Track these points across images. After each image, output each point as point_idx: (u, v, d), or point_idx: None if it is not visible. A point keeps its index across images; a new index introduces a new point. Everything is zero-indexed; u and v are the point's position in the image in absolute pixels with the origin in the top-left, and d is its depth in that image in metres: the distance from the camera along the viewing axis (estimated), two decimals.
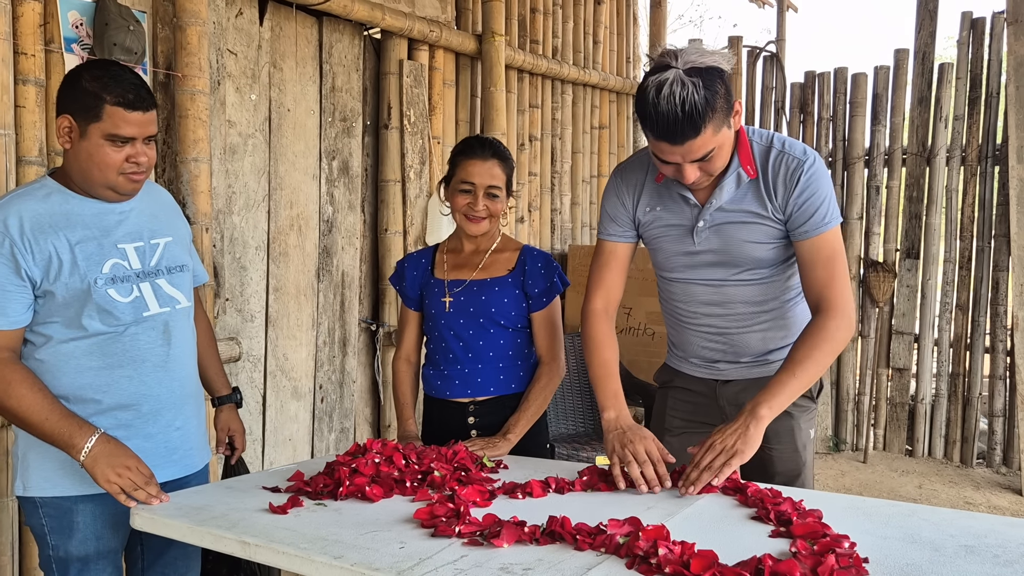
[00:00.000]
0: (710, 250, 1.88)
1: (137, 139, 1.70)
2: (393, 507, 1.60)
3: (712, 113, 1.65)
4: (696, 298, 1.95)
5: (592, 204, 5.41)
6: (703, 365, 2.02)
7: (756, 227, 1.84)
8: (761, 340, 1.96)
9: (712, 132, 1.68)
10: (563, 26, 5.02)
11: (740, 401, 1.95)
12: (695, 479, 1.66)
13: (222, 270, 3.16)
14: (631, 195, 1.95)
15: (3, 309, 1.64)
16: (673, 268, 1.96)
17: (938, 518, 1.55)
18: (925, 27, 5.06)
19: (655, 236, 1.95)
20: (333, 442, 3.70)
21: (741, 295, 1.91)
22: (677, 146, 1.68)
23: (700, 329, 1.99)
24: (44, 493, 1.74)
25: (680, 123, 1.63)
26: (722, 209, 1.85)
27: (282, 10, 3.35)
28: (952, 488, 4.64)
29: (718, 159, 1.75)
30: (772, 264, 1.88)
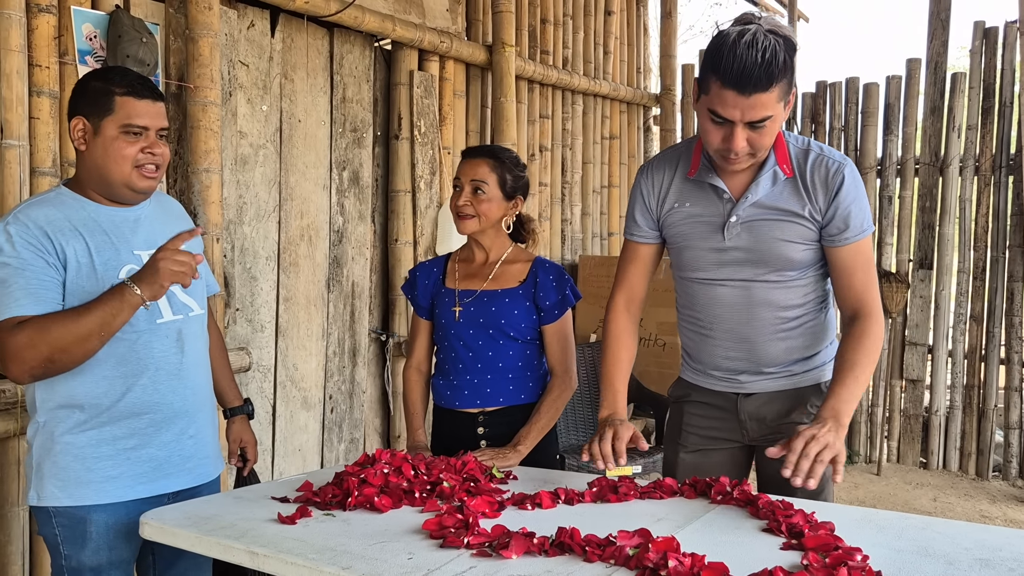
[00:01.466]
0: (740, 247, 1.84)
1: (150, 130, 1.72)
2: (402, 518, 1.59)
3: (784, 76, 1.65)
4: (720, 301, 1.90)
5: (603, 215, 5.40)
6: (723, 378, 1.96)
7: (792, 226, 1.81)
8: (784, 350, 1.90)
9: (777, 97, 1.66)
10: (573, 36, 5.03)
11: (762, 415, 1.92)
12: (806, 468, 1.59)
13: (232, 280, 3.17)
14: (655, 195, 1.93)
15: (41, 296, 1.63)
16: (699, 267, 1.90)
17: (952, 531, 1.53)
18: (937, 36, 5.05)
19: (682, 233, 1.90)
20: (343, 452, 3.70)
21: (767, 298, 1.86)
22: (743, 97, 1.64)
23: (722, 337, 1.92)
24: (58, 503, 1.74)
25: (757, 70, 1.61)
26: (757, 205, 1.82)
27: (293, 22, 3.38)
28: (967, 501, 4.59)
29: (768, 135, 1.71)
30: (801, 267, 1.85)
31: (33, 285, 1.63)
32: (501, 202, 2.14)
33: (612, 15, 5.38)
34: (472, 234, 2.16)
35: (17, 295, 1.62)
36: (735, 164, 1.77)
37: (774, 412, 1.93)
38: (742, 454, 2.00)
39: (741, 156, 1.74)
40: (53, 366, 1.63)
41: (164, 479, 1.81)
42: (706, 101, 1.71)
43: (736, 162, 1.76)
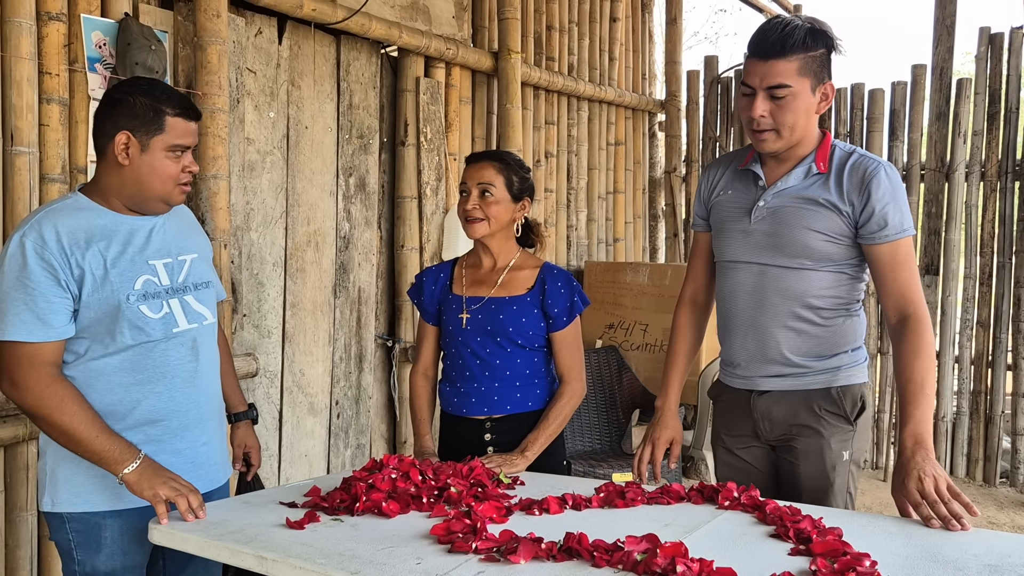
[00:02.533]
0: (762, 231, 1.91)
1: (190, 148, 1.77)
2: (410, 523, 1.60)
3: (805, 52, 1.77)
4: (739, 284, 1.96)
5: (608, 220, 5.41)
6: (740, 374, 2.01)
7: (817, 215, 1.85)
8: (793, 342, 1.92)
9: (796, 70, 1.77)
10: (579, 43, 5.04)
11: (773, 415, 1.95)
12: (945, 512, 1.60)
13: (240, 286, 3.18)
14: (709, 185, 2.06)
15: (48, 320, 1.65)
16: (726, 250, 1.99)
17: (960, 537, 1.53)
18: (942, 42, 5.05)
19: (720, 219, 2.00)
20: (349, 458, 3.70)
21: (781, 284, 1.90)
22: (761, 62, 1.79)
23: (739, 323, 1.98)
24: (73, 508, 1.75)
25: (774, 36, 1.77)
26: (785, 193, 1.89)
27: (300, 29, 3.40)
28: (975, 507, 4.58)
29: (789, 111, 1.80)
30: (819, 259, 1.87)
31: (42, 309, 1.65)
32: (509, 204, 2.14)
33: (617, 22, 5.39)
34: (481, 238, 2.15)
35: (26, 318, 1.64)
36: (761, 139, 1.86)
37: (784, 412, 1.95)
38: (769, 454, 2.02)
39: (763, 127, 1.83)
40: (31, 418, 1.70)
41: None
42: (741, 79, 1.87)
43: (761, 137, 1.85)
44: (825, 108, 1.85)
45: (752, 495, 1.70)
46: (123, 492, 1.73)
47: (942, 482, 1.64)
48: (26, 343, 1.64)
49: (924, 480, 1.63)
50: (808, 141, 1.89)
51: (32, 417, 1.69)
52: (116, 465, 1.66)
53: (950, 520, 1.59)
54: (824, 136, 1.91)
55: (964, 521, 1.60)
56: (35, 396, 1.65)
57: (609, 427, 4.10)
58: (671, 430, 2.03)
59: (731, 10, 13.82)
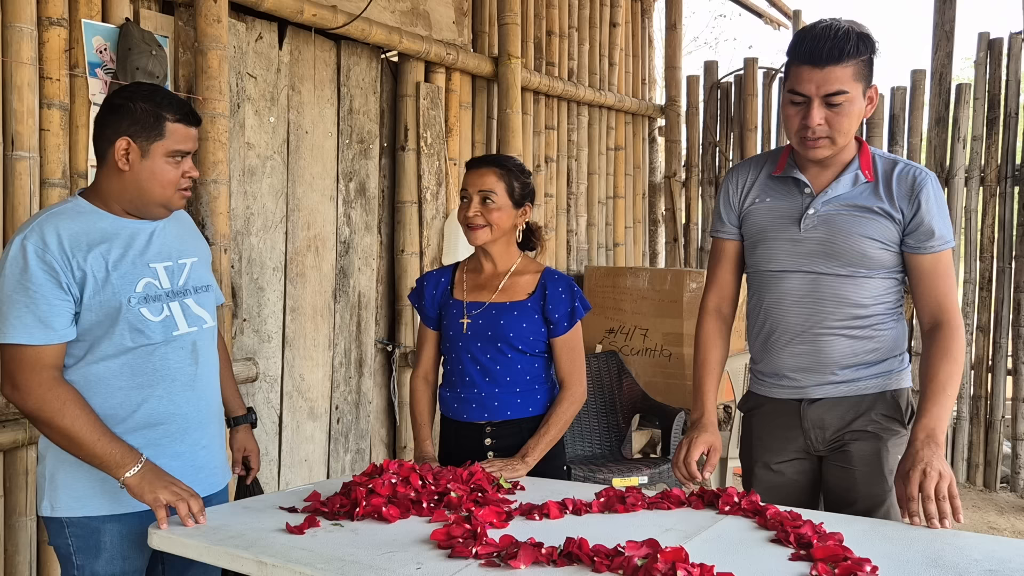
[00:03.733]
0: (814, 239, 1.89)
1: (190, 154, 1.78)
2: (410, 528, 1.60)
3: (858, 57, 1.75)
4: (789, 293, 1.92)
5: (608, 225, 5.41)
6: (788, 384, 1.96)
7: (872, 223, 1.85)
8: (850, 351, 1.90)
9: (852, 76, 1.76)
10: (579, 48, 5.05)
11: (825, 422, 1.92)
12: (935, 510, 1.62)
13: (240, 291, 3.18)
14: (739, 192, 2.01)
15: (49, 322, 1.65)
16: (772, 259, 1.94)
17: (961, 542, 1.53)
18: (942, 48, 5.06)
19: (760, 226, 1.96)
20: (349, 463, 3.70)
21: (835, 293, 1.88)
22: (817, 70, 1.75)
23: (785, 336, 1.94)
24: (73, 513, 1.74)
25: (829, 43, 1.74)
26: (836, 201, 1.88)
27: (301, 34, 3.40)
28: (975, 512, 4.57)
29: (845, 118, 1.78)
30: (874, 267, 1.87)
31: (44, 311, 1.65)
32: (510, 210, 2.14)
33: (617, 27, 5.40)
34: (483, 244, 2.16)
35: (27, 321, 1.64)
36: (815, 147, 1.82)
37: (836, 419, 1.92)
38: (812, 467, 1.98)
39: (819, 135, 1.80)
40: (32, 421, 1.70)
41: None
42: (787, 87, 1.83)
43: (816, 145, 1.82)
44: (871, 112, 1.85)
45: (752, 500, 1.70)
46: (123, 496, 1.73)
47: (945, 481, 1.64)
48: (28, 346, 1.64)
49: (929, 474, 1.64)
50: (849, 147, 1.88)
51: (34, 421, 1.69)
52: (117, 469, 1.66)
53: (933, 518, 1.61)
54: (861, 143, 1.90)
55: (945, 521, 1.61)
56: (37, 399, 1.65)
57: (609, 432, 4.09)
58: (711, 435, 1.94)
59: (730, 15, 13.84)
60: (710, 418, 1.97)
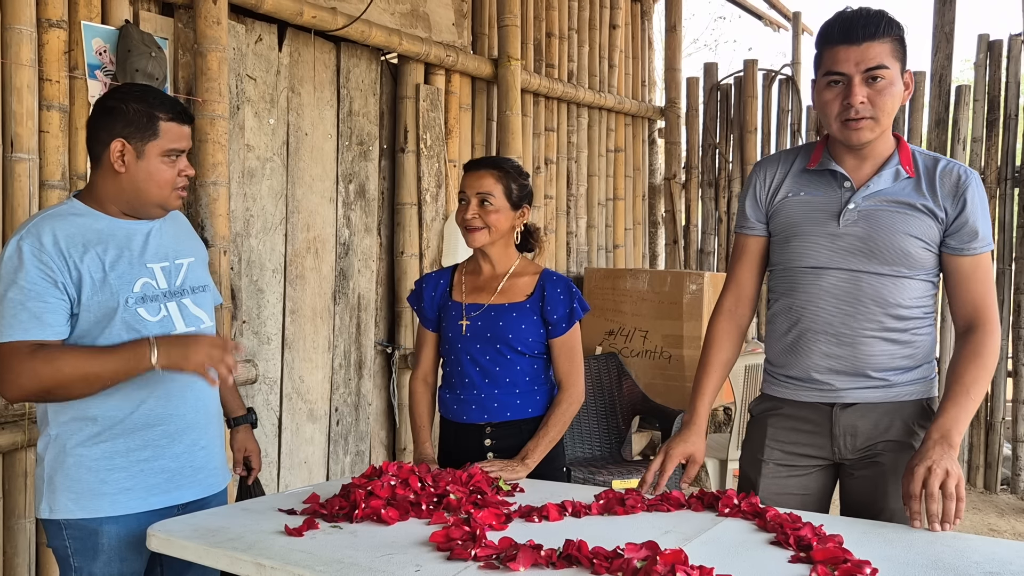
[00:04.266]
0: (854, 235, 1.81)
1: (185, 153, 1.77)
2: (409, 530, 1.59)
3: (893, 33, 1.73)
4: (826, 291, 1.83)
5: (608, 227, 5.41)
6: (818, 387, 1.86)
7: (914, 220, 1.78)
8: (887, 354, 1.82)
9: (890, 52, 1.72)
10: (578, 50, 5.05)
11: (858, 429, 1.84)
12: (937, 510, 1.59)
13: (239, 292, 3.18)
14: (766, 187, 1.94)
15: (44, 320, 1.65)
16: (807, 254, 1.85)
17: (961, 544, 1.53)
18: (941, 50, 5.06)
19: (793, 220, 1.87)
20: (348, 465, 3.70)
21: (875, 293, 1.80)
22: (854, 46, 1.72)
23: (822, 333, 1.85)
24: (71, 515, 1.74)
25: (863, 20, 1.72)
26: (878, 196, 1.80)
27: (300, 36, 3.40)
28: (976, 515, 4.57)
29: (887, 96, 1.73)
30: (915, 267, 1.80)
31: (39, 309, 1.65)
32: (508, 212, 2.14)
33: (617, 29, 5.40)
34: (482, 246, 2.16)
35: (22, 318, 1.64)
36: (858, 128, 1.75)
37: (870, 426, 1.84)
38: (828, 476, 1.92)
39: (862, 114, 1.74)
40: (47, 396, 1.68)
41: (177, 490, 1.81)
42: (822, 72, 1.78)
43: (859, 126, 1.75)
44: (908, 98, 1.79)
45: (752, 502, 1.69)
46: (121, 498, 1.73)
47: (952, 480, 1.59)
48: (23, 342, 1.64)
49: (935, 472, 1.60)
50: (888, 139, 1.81)
51: (46, 394, 1.66)
52: (142, 363, 1.65)
53: (935, 518, 1.58)
54: (899, 139, 1.85)
55: (946, 525, 1.59)
56: (30, 375, 1.63)
57: (609, 434, 4.09)
58: (691, 445, 1.88)
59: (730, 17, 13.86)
60: (699, 424, 1.91)
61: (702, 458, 1.90)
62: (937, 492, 1.59)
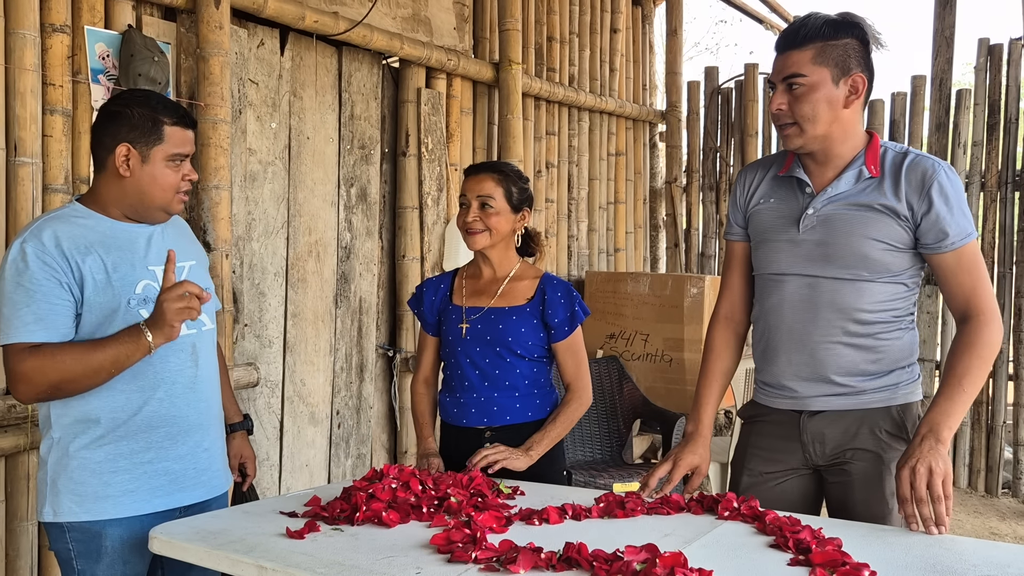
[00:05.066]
0: (813, 241, 1.81)
1: (188, 157, 1.79)
2: (410, 532, 1.60)
3: (821, 42, 1.74)
4: (787, 298, 1.85)
5: (609, 231, 5.42)
6: (787, 393, 1.87)
7: (875, 222, 1.76)
8: (848, 360, 1.81)
9: (811, 59, 1.74)
10: (579, 54, 5.06)
11: (826, 437, 1.83)
12: (928, 513, 1.58)
13: (241, 296, 3.18)
14: (746, 192, 1.96)
15: (52, 322, 1.66)
16: (771, 261, 1.87)
17: (960, 547, 1.53)
18: (941, 54, 5.07)
19: (762, 226, 1.90)
20: (350, 468, 3.70)
21: (833, 299, 1.79)
22: (780, 57, 1.79)
23: (785, 340, 1.85)
24: (74, 518, 1.74)
25: (791, 29, 1.77)
26: (837, 200, 1.79)
27: (302, 40, 3.41)
28: (977, 518, 4.57)
29: (806, 102, 1.74)
30: (876, 270, 1.77)
31: (44, 310, 1.66)
32: (509, 215, 2.15)
33: (618, 33, 5.42)
34: (482, 249, 2.17)
35: (27, 319, 1.65)
36: (784, 135, 1.81)
37: (838, 433, 1.83)
38: (810, 482, 1.91)
39: (781, 120, 1.78)
40: (58, 393, 1.69)
41: (180, 492, 1.82)
42: None
43: (783, 132, 1.80)
44: (855, 101, 1.76)
45: (752, 505, 1.70)
46: (124, 500, 1.74)
47: (938, 477, 1.58)
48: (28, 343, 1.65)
49: (919, 472, 1.59)
50: (848, 141, 1.79)
51: (54, 391, 1.67)
52: (139, 347, 1.67)
53: (928, 522, 1.58)
54: (872, 138, 1.82)
55: (942, 528, 1.58)
56: (39, 373, 1.64)
57: (610, 437, 4.10)
58: (698, 457, 1.87)
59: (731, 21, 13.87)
60: (704, 434, 1.90)
61: (707, 469, 1.90)
62: (925, 494, 1.59)
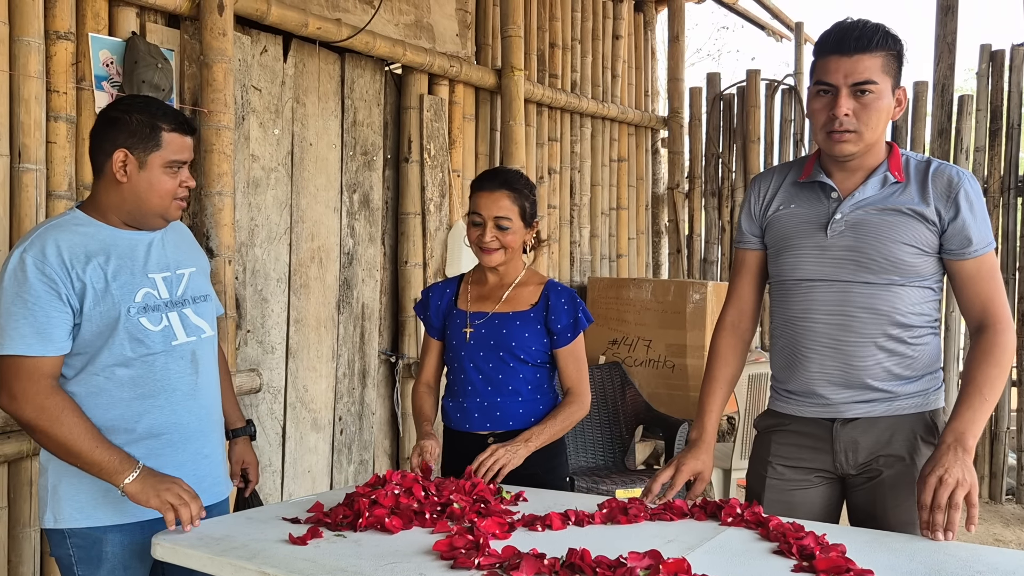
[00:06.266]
0: (842, 246, 1.80)
1: (186, 164, 1.79)
2: (412, 539, 1.60)
3: (886, 49, 1.73)
4: (817, 303, 1.83)
5: (611, 236, 5.42)
6: (818, 402, 1.85)
7: (905, 226, 1.76)
8: (883, 363, 1.80)
9: (880, 67, 1.72)
10: (582, 60, 5.07)
11: (859, 444, 1.82)
12: (941, 521, 1.59)
13: (244, 302, 3.19)
14: (761, 200, 1.95)
15: (49, 335, 1.67)
16: (797, 267, 1.85)
17: (965, 554, 1.53)
18: (944, 60, 5.07)
19: (784, 233, 1.88)
20: (352, 474, 3.70)
21: (867, 303, 1.79)
22: (845, 58, 1.72)
23: (817, 346, 1.83)
24: (75, 524, 1.75)
25: (857, 31, 1.72)
26: (865, 204, 1.79)
27: (305, 47, 3.42)
28: (981, 525, 4.55)
29: (873, 111, 1.72)
30: (908, 274, 1.77)
31: (41, 323, 1.66)
32: (523, 231, 2.17)
33: (620, 39, 5.43)
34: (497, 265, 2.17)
35: (24, 332, 1.65)
36: (841, 141, 1.75)
37: (872, 440, 1.82)
38: (834, 490, 1.90)
39: (846, 126, 1.74)
40: (30, 431, 1.70)
41: None
42: (813, 80, 1.79)
43: (842, 139, 1.75)
44: (899, 115, 1.79)
45: (755, 511, 1.70)
46: (125, 506, 1.74)
47: (962, 490, 1.59)
48: (25, 357, 1.65)
49: (946, 481, 1.59)
50: (879, 150, 1.80)
51: (31, 429, 1.69)
52: (116, 476, 1.67)
53: (939, 527, 1.58)
54: (891, 146, 1.83)
55: (948, 534, 1.59)
56: (34, 408, 1.65)
57: (612, 443, 4.09)
58: (701, 463, 1.88)
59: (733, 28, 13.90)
60: (708, 441, 1.91)
61: (710, 476, 1.90)
62: (945, 503, 1.59)
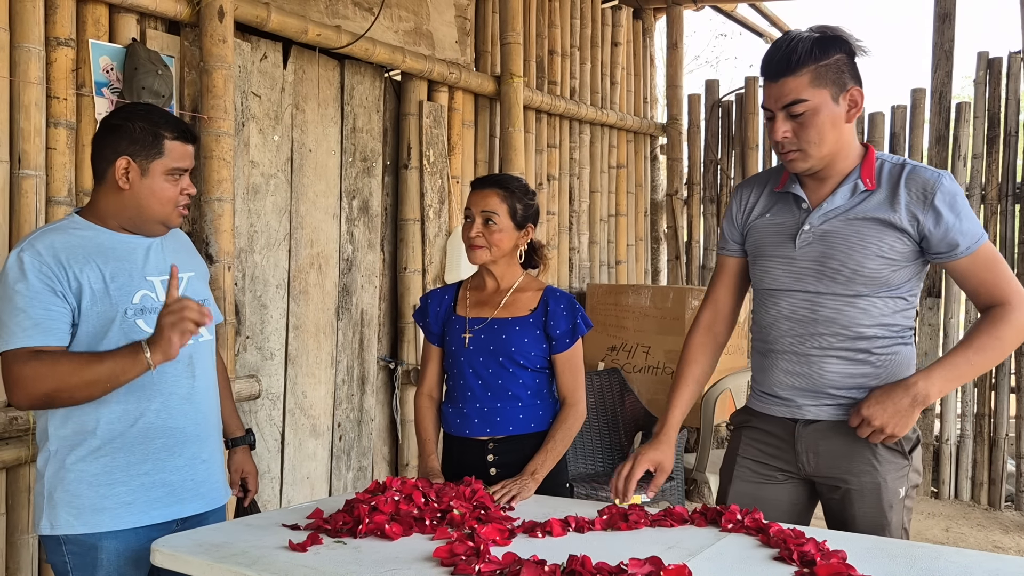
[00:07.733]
0: (809, 256, 1.80)
1: (188, 171, 1.80)
2: (412, 545, 1.59)
3: (814, 64, 1.71)
4: (784, 313, 1.85)
5: (610, 243, 5.42)
6: (782, 402, 1.88)
7: (874, 235, 1.75)
8: (844, 372, 1.80)
9: (808, 83, 1.71)
10: (580, 67, 5.09)
11: (820, 449, 1.83)
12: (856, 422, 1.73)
13: (243, 308, 3.19)
14: (743, 208, 1.96)
15: (49, 327, 1.67)
16: (768, 277, 1.87)
17: (965, 560, 1.53)
18: (941, 67, 5.09)
19: (759, 242, 1.90)
20: (351, 480, 3.69)
21: (830, 315, 1.79)
22: (773, 84, 1.74)
23: (781, 355, 1.86)
24: (71, 531, 1.74)
25: (779, 54, 1.72)
26: (833, 215, 1.79)
27: (305, 54, 3.43)
28: (980, 531, 4.55)
29: (812, 128, 1.72)
30: (874, 285, 1.77)
31: (41, 316, 1.66)
32: (512, 232, 2.16)
33: (619, 46, 5.44)
34: (483, 263, 2.18)
35: (25, 325, 1.65)
36: (789, 160, 1.78)
37: (833, 447, 1.83)
38: (802, 490, 1.91)
39: (787, 148, 1.76)
40: (52, 401, 1.68)
41: (178, 504, 1.82)
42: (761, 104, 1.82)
43: (788, 158, 1.78)
44: (856, 115, 1.76)
45: (756, 517, 1.69)
46: (122, 513, 1.74)
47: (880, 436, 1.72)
48: (24, 348, 1.65)
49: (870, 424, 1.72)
50: (848, 156, 1.78)
51: (51, 400, 1.66)
52: (138, 364, 1.65)
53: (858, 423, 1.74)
54: (867, 150, 1.81)
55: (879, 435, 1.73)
56: (35, 380, 1.64)
57: (612, 449, 4.09)
58: (660, 453, 1.90)
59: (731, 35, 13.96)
60: (668, 434, 1.93)
61: (670, 467, 1.92)
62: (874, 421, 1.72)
